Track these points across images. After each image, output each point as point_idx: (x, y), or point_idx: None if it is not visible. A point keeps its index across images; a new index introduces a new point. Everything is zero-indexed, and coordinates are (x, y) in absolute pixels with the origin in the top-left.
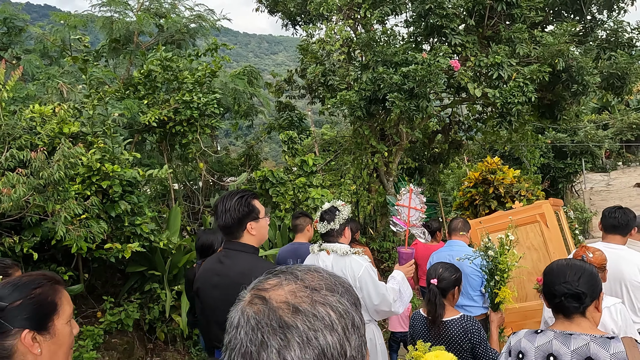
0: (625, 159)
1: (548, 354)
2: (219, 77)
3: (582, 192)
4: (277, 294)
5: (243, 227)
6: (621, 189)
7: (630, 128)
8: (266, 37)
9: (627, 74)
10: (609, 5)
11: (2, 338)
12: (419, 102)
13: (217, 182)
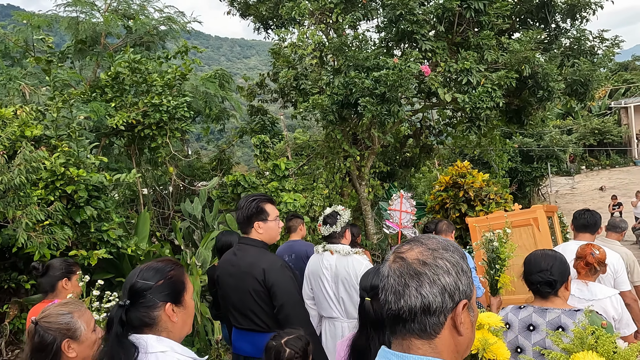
0: (588, 163)
1: (529, 324)
2: (190, 80)
3: (548, 195)
4: (410, 254)
5: (251, 225)
6: (585, 192)
7: (593, 133)
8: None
9: (589, 80)
10: (572, 15)
11: (151, 310)
12: (391, 106)
13: (188, 187)
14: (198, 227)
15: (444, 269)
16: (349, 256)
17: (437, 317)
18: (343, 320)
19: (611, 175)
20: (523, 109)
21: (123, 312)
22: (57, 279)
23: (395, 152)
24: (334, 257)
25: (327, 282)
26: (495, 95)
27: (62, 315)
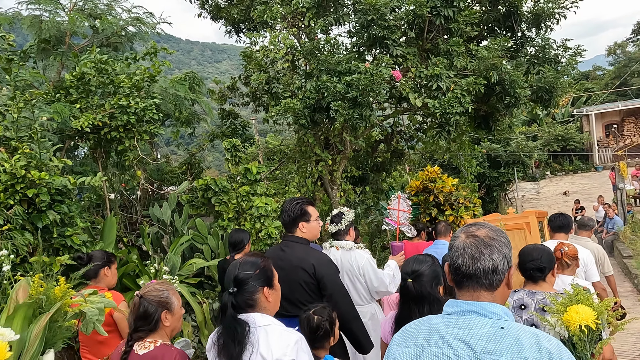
0: (552, 169)
1: (520, 304)
2: (159, 82)
3: (515, 199)
4: (481, 233)
5: (296, 225)
6: (550, 197)
7: (557, 140)
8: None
9: (554, 87)
10: (537, 24)
11: (252, 294)
12: (362, 110)
13: (157, 191)
14: (167, 232)
15: (504, 243)
16: (352, 251)
17: (500, 275)
18: None
19: (574, 180)
20: (491, 114)
21: (232, 297)
22: (99, 267)
23: (366, 157)
24: (339, 252)
25: None
26: (465, 101)
27: (162, 291)
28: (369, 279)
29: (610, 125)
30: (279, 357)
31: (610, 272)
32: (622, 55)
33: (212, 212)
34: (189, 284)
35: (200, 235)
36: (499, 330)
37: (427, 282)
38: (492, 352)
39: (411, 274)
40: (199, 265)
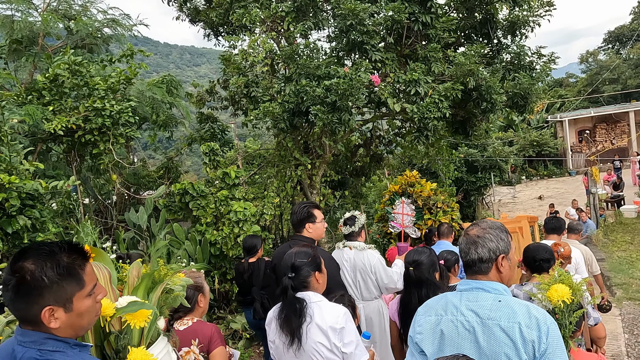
0: (528, 174)
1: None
2: (135, 85)
3: (492, 204)
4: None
5: (303, 226)
6: (525, 201)
7: (532, 145)
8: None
9: (529, 93)
10: (513, 31)
11: (306, 277)
12: (342, 115)
13: (133, 196)
14: (143, 238)
15: (489, 239)
16: (364, 251)
17: (486, 263)
18: (359, 302)
19: (549, 185)
20: (468, 120)
21: (291, 281)
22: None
23: (346, 161)
24: (352, 251)
25: (347, 271)
26: (442, 106)
27: (196, 278)
28: (380, 276)
29: (583, 131)
30: (331, 325)
31: (598, 272)
32: (594, 63)
33: (190, 217)
34: None
35: (177, 240)
36: (498, 302)
37: (425, 269)
38: (493, 318)
39: (412, 263)
40: (175, 270)
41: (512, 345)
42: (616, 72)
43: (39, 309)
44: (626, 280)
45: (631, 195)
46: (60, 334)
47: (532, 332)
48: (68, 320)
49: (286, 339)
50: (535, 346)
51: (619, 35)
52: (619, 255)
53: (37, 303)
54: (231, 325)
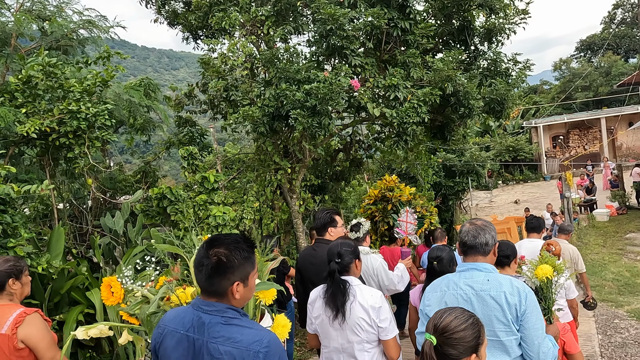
0: (504, 178)
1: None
2: (112, 87)
3: (470, 208)
4: (478, 222)
5: (326, 230)
6: (502, 205)
7: (508, 150)
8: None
9: (505, 99)
10: (489, 38)
11: (349, 263)
12: (321, 119)
13: (109, 200)
14: (120, 243)
15: (492, 229)
16: (368, 255)
17: (489, 247)
18: None
19: (524, 189)
20: (446, 125)
21: (337, 265)
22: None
23: (326, 166)
24: None
25: None
26: (421, 111)
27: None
28: (381, 278)
29: (557, 136)
30: (372, 304)
31: (583, 270)
32: (567, 70)
33: (168, 222)
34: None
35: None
36: (488, 280)
37: (446, 263)
38: (485, 289)
39: (435, 259)
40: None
41: (499, 309)
42: (588, 80)
43: (229, 284)
44: (599, 282)
45: (603, 199)
46: (235, 305)
47: (514, 297)
48: (244, 294)
49: (331, 313)
50: (517, 308)
51: (590, 44)
52: (592, 258)
53: (228, 279)
54: None
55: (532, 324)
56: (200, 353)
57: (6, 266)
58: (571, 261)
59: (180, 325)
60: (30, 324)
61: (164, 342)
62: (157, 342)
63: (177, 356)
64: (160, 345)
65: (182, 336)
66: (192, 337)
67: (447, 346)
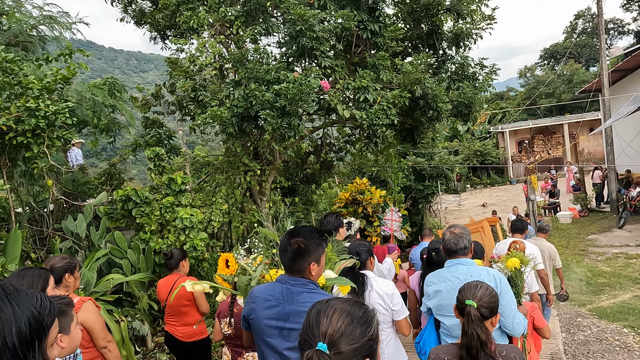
0: (472, 182)
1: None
2: (75, 86)
3: (439, 211)
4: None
5: (337, 231)
6: (470, 208)
7: (476, 155)
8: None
9: (472, 102)
10: (457, 43)
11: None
12: (291, 120)
13: (72, 203)
14: (82, 247)
15: (467, 234)
16: None
17: (467, 249)
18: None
19: (491, 193)
20: (415, 128)
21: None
22: (179, 260)
23: (296, 168)
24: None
25: None
26: (391, 113)
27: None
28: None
29: (522, 141)
30: (386, 292)
31: (559, 266)
32: (532, 77)
33: (133, 225)
34: (105, 301)
35: (119, 249)
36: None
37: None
38: (467, 279)
39: (433, 250)
40: (117, 280)
41: None
42: (551, 87)
43: (307, 264)
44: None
45: (566, 202)
46: (312, 279)
47: (491, 282)
48: (317, 271)
49: None
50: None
51: (553, 52)
52: None
53: (307, 260)
54: None
55: (506, 301)
56: (289, 314)
57: (63, 263)
58: (549, 257)
59: (271, 295)
60: (87, 310)
61: (255, 309)
62: (250, 310)
63: (269, 318)
64: (253, 312)
65: (273, 303)
66: (283, 303)
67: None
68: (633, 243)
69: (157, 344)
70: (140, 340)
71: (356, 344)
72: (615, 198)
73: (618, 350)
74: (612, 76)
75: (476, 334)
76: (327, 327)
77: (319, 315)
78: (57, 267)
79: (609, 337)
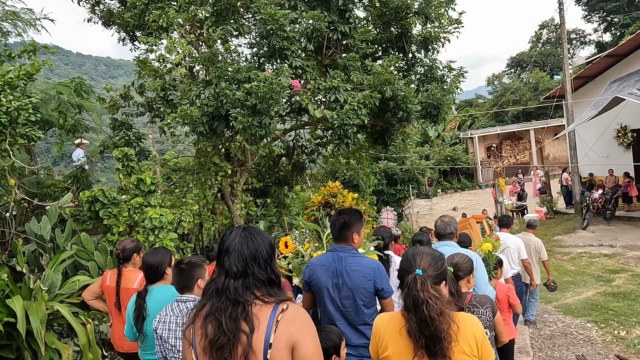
0: (443, 187)
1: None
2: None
3: (411, 215)
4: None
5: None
6: (441, 212)
7: (446, 160)
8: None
9: (441, 104)
10: (425, 46)
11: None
12: (262, 119)
13: (36, 203)
14: (47, 250)
15: (454, 222)
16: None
17: (453, 234)
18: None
19: (462, 197)
20: (386, 130)
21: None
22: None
23: (268, 170)
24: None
25: None
26: (361, 113)
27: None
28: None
29: (490, 147)
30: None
31: (546, 258)
32: (499, 85)
33: (101, 228)
34: (71, 303)
35: (85, 251)
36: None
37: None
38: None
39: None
40: (82, 282)
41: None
42: (518, 94)
43: (350, 234)
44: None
45: (533, 205)
46: (355, 247)
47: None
48: (359, 240)
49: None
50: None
51: (519, 61)
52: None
53: (350, 231)
54: None
55: (480, 276)
56: (340, 274)
57: (132, 245)
58: (535, 250)
59: (325, 261)
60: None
61: (315, 273)
62: (311, 274)
63: (325, 278)
64: (313, 275)
65: (327, 267)
66: (335, 265)
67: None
68: (596, 243)
69: None
70: (107, 343)
71: (437, 271)
72: (579, 200)
73: (582, 343)
74: (574, 83)
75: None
76: (420, 261)
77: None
78: (127, 248)
79: (574, 332)
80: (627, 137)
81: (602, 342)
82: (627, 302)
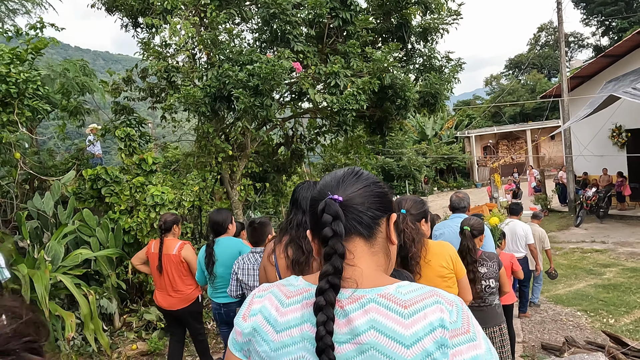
0: (439, 185)
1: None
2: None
3: None
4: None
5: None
6: (437, 210)
7: (443, 159)
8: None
9: (438, 93)
10: (424, 37)
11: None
12: (263, 99)
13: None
14: (49, 227)
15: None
16: None
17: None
18: None
19: None
20: (384, 119)
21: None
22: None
23: (268, 157)
24: None
25: None
26: (360, 99)
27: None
28: None
29: (487, 146)
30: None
31: (548, 247)
32: (497, 86)
33: (102, 207)
34: (73, 275)
35: (87, 226)
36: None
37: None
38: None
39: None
40: (85, 256)
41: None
42: (516, 95)
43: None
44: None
45: (528, 203)
46: None
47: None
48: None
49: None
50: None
51: (517, 63)
52: None
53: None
54: (145, 316)
55: (489, 243)
56: None
57: (172, 217)
58: (539, 239)
59: None
60: (187, 249)
61: None
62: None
63: None
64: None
65: None
66: None
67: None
68: (588, 239)
69: (124, 323)
70: (107, 318)
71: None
72: (573, 198)
73: (571, 328)
74: (571, 83)
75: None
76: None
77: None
78: (168, 220)
79: (564, 319)
80: (622, 136)
81: (591, 329)
82: (617, 294)
